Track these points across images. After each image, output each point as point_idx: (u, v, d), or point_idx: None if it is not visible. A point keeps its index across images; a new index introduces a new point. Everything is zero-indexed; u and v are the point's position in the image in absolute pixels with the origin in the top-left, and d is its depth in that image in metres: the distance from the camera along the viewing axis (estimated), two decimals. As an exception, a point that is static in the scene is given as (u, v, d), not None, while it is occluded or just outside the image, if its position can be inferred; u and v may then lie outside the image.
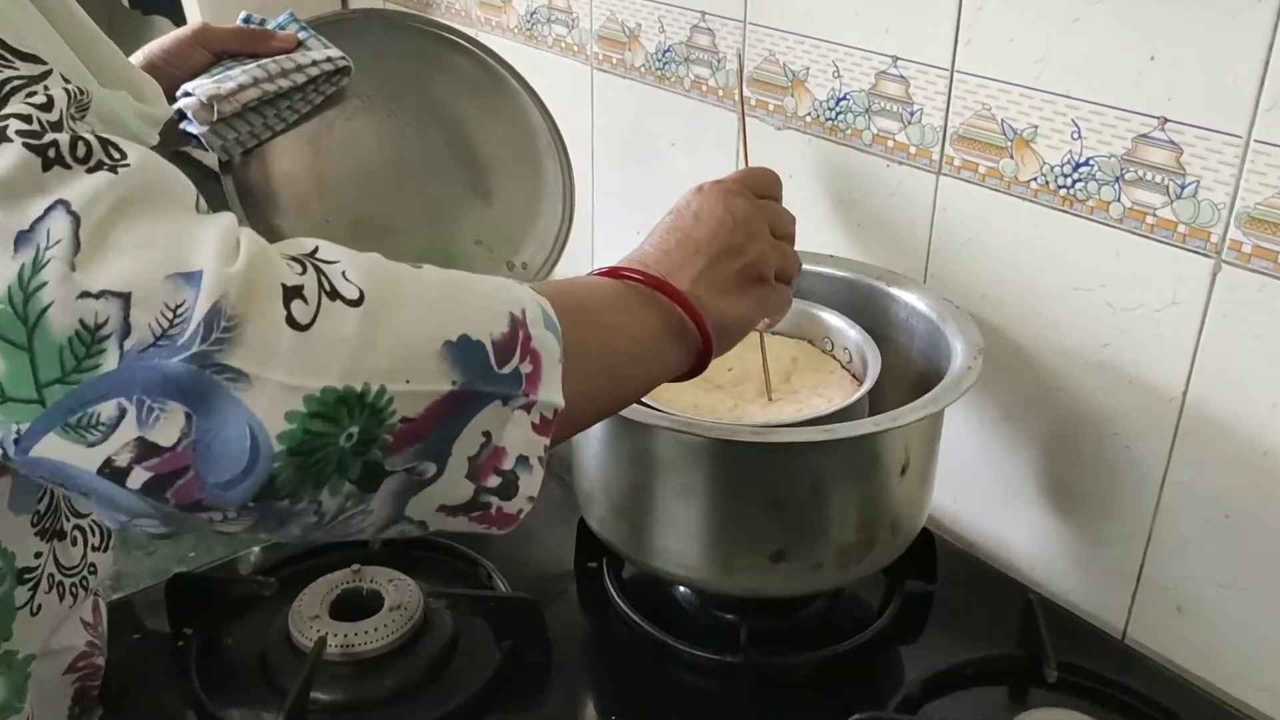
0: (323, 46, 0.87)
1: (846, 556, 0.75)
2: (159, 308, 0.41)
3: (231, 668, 0.80)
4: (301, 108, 0.86)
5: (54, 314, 0.40)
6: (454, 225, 0.91)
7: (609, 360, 0.57)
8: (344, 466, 0.44)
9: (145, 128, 0.61)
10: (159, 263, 0.41)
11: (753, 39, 1.04)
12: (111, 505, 0.43)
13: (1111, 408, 0.85)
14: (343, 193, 0.88)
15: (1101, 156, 0.80)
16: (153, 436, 0.41)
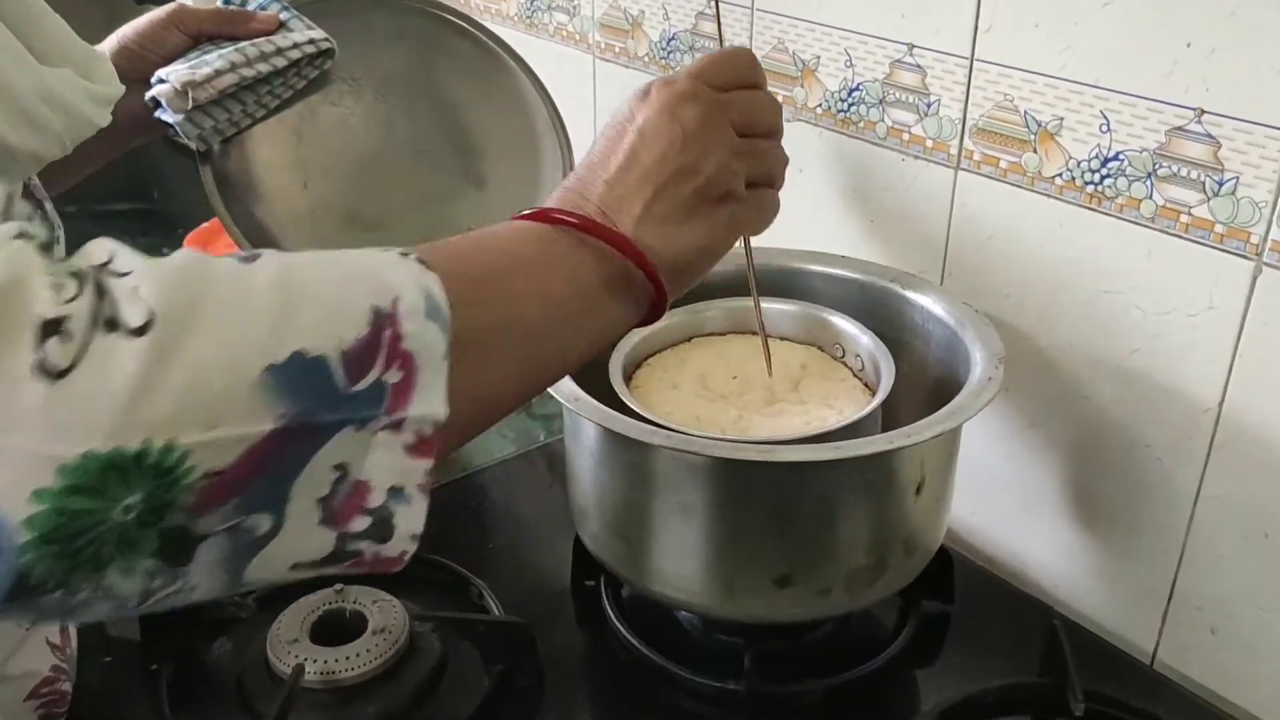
0: (305, 28, 0.83)
1: (856, 580, 0.70)
2: None
3: (207, 693, 0.76)
4: (283, 93, 0.83)
5: None
6: (448, 213, 0.86)
7: (522, 338, 0.47)
8: (129, 543, 0.35)
9: (94, 107, 0.58)
10: None
11: (760, 26, 0.99)
12: None
13: (1141, 417, 0.80)
14: (330, 183, 0.84)
15: (1132, 151, 0.74)
16: None
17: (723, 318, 0.84)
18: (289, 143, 0.83)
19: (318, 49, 0.83)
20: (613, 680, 0.79)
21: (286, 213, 0.82)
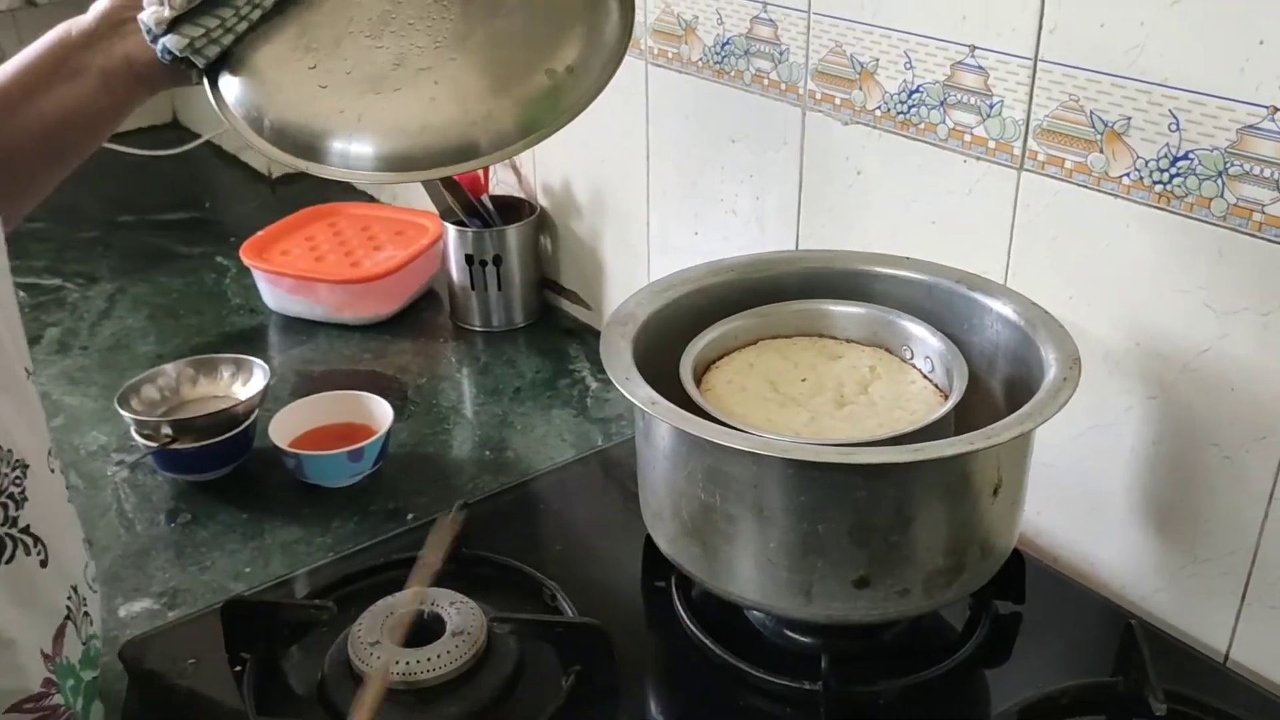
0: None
1: (934, 581, 0.71)
2: None
3: (289, 693, 0.78)
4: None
5: None
6: (475, 49, 0.75)
7: None
8: None
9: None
10: None
11: (817, 29, 0.99)
12: None
13: (1211, 417, 0.80)
14: (340, 59, 0.75)
15: (1203, 150, 0.74)
16: None
17: (790, 320, 0.85)
18: (293, 36, 0.76)
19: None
20: (687, 681, 0.80)
21: (299, 99, 0.73)
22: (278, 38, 0.74)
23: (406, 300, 1.45)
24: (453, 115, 0.70)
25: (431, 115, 0.70)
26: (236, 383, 1.19)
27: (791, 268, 0.88)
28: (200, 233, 1.72)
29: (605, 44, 0.73)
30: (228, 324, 1.45)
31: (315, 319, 1.42)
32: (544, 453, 1.15)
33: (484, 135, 0.69)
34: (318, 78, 0.72)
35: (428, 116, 0.70)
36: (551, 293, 1.47)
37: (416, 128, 0.69)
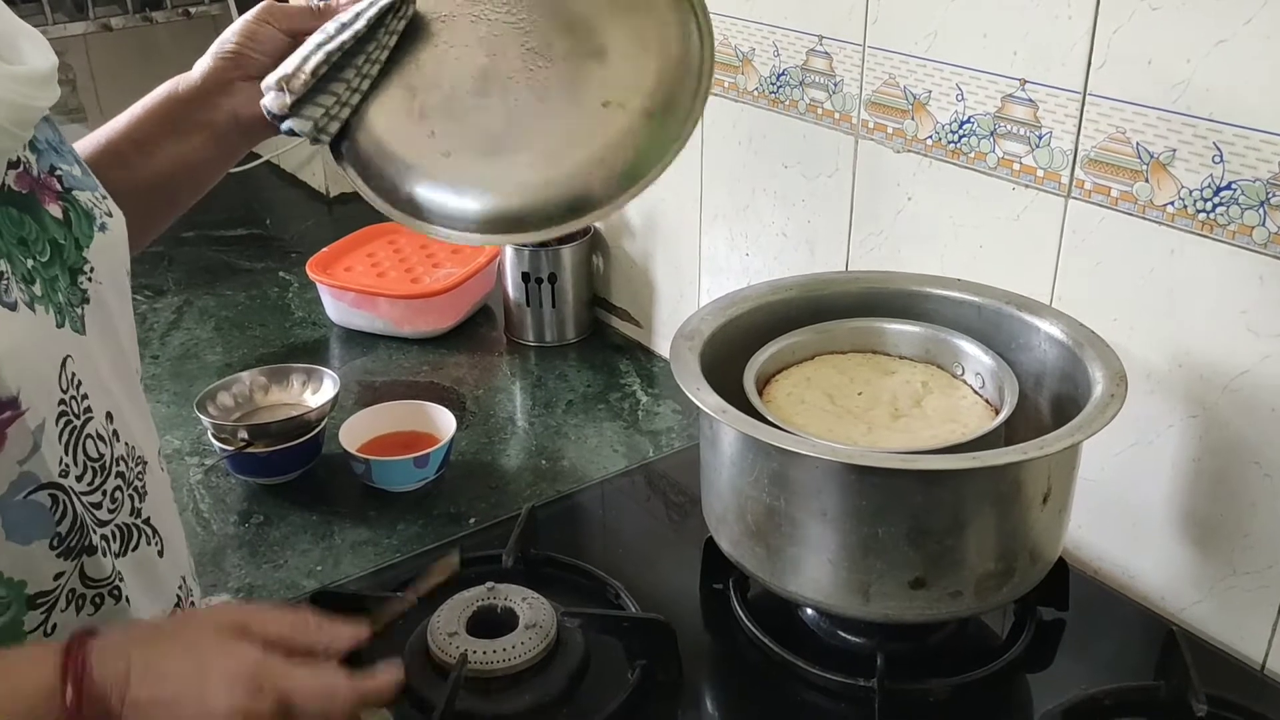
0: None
1: (985, 585, 0.75)
2: None
3: (373, 681, 0.82)
4: (379, 56, 0.79)
5: None
6: (577, 99, 0.79)
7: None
8: None
9: (29, 89, 0.60)
10: None
11: (872, 62, 1.04)
12: None
13: (1250, 436, 0.83)
14: (455, 121, 0.80)
15: (1245, 180, 0.79)
16: None
17: (846, 337, 0.89)
18: (403, 100, 0.80)
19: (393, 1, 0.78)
20: (746, 677, 0.84)
21: (426, 169, 0.78)
22: (390, 104, 0.78)
23: (463, 315, 1.50)
24: (571, 168, 0.74)
25: (551, 171, 0.74)
26: (306, 391, 1.24)
27: (848, 287, 0.92)
28: (262, 248, 1.78)
29: (693, 78, 0.76)
30: (292, 336, 1.50)
31: (376, 332, 1.48)
32: (597, 462, 1.20)
33: (600, 186, 0.73)
34: (439, 145, 0.77)
35: (549, 173, 0.74)
36: (602, 310, 1.52)
37: (541, 183, 0.74)
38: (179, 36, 2.01)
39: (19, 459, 0.58)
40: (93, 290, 0.64)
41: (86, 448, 0.63)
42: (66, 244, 0.63)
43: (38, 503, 0.60)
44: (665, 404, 1.32)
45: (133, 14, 1.86)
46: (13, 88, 0.58)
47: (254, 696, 0.58)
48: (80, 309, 0.62)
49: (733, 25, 1.18)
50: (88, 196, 0.67)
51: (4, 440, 0.57)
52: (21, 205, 0.61)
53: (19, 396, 0.57)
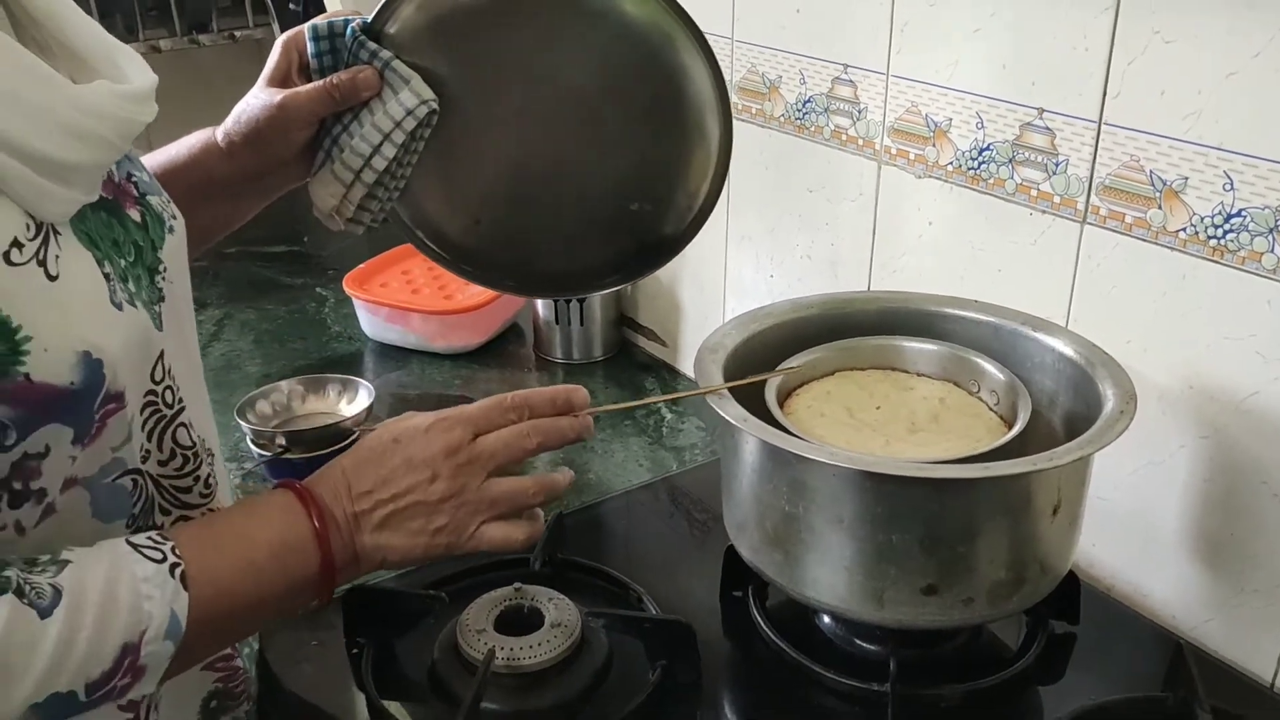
0: (401, 80, 0.80)
1: (997, 593, 0.77)
2: None
3: (403, 674, 0.85)
4: (412, 159, 0.82)
5: None
6: (603, 193, 0.88)
7: (229, 637, 0.70)
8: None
9: (134, 106, 0.64)
10: None
11: (895, 90, 1.08)
12: None
13: (1260, 457, 0.86)
14: (500, 205, 0.87)
15: (1255, 208, 0.81)
16: None
17: (866, 354, 0.93)
18: (440, 187, 0.85)
19: (429, 109, 0.80)
20: (764, 680, 0.87)
21: (466, 245, 0.89)
22: (432, 181, 0.85)
23: (494, 332, 1.54)
24: (592, 262, 0.91)
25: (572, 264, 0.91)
26: (342, 401, 1.28)
27: (868, 306, 0.96)
28: (300, 265, 1.83)
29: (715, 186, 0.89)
30: (328, 349, 1.55)
31: (409, 346, 1.52)
32: (623, 476, 1.23)
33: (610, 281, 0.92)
34: (477, 229, 0.89)
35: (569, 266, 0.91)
36: (629, 329, 1.55)
37: (561, 273, 0.92)
38: (224, 58, 2.08)
39: (113, 446, 0.63)
40: (167, 289, 0.69)
41: (169, 437, 0.68)
42: (145, 245, 0.68)
43: (122, 486, 0.65)
44: (689, 421, 1.35)
45: (181, 36, 1.93)
46: (119, 104, 0.63)
47: (456, 451, 0.72)
48: (158, 307, 0.67)
49: (761, 54, 1.22)
50: (157, 200, 0.71)
51: (104, 429, 0.62)
52: (110, 210, 0.66)
53: (125, 392, 0.62)
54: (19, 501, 0.60)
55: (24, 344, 0.56)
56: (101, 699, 0.58)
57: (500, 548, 0.73)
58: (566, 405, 0.75)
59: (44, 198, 0.58)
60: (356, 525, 0.70)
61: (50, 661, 0.56)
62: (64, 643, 0.56)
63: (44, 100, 0.59)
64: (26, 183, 0.57)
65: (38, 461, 0.59)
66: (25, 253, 0.57)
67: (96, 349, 0.60)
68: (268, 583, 0.67)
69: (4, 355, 0.56)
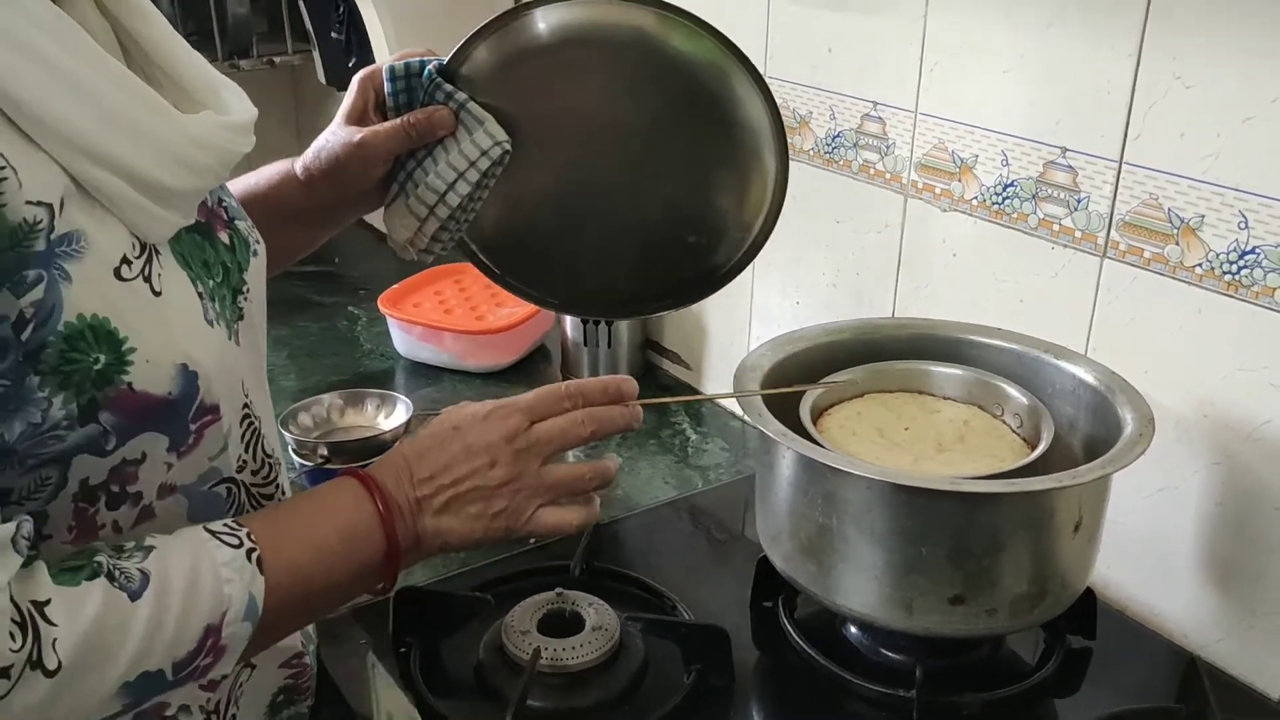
0: (476, 121, 0.83)
1: (1020, 605, 0.81)
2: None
3: (449, 673, 0.89)
4: (483, 194, 0.86)
5: None
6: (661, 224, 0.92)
7: (304, 619, 0.75)
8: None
9: (235, 136, 0.69)
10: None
11: (923, 128, 1.13)
12: None
13: (1272, 482, 0.90)
14: (553, 230, 0.92)
15: (1269, 246, 0.86)
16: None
17: (895, 377, 0.97)
18: (506, 213, 0.89)
19: (501, 150, 0.83)
20: (794, 686, 0.91)
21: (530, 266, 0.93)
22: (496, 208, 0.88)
23: (523, 352, 1.59)
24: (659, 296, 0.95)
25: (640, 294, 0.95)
26: (380, 415, 1.32)
27: (897, 332, 1.00)
28: (333, 284, 1.88)
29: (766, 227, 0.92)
30: (361, 366, 1.59)
31: (441, 365, 1.56)
32: (649, 492, 1.27)
33: None
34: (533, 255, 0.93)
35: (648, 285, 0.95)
36: (654, 352, 1.60)
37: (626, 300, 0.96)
38: (264, 83, 2.14)
39: (210, 456, 0.68)
40: (247, 309, 0.73)
41: (257, 449, 0.73)
42: (232, 267, 0.72)
43: (218, 494, 0.70)
44: (714, 441, 1.39)
45: (223, 61, 1.98)
46: (222, 134, 0.67)
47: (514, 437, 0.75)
48: (236, 325, 0.71)
49: (792, 90, 1.27)
50: (244, 225, 0.76)
51: (201, 439, 0.66)
52: (202, 232, 0.70)
53: (219, 405, 0.67)
54: (116, 504, 0.65)
55: (129, 355, 0.61)
56: (186, 678, 0.62)
57: (555, 531, 0.75)
58: (618, 395, 0.78)
59: (148, 219, 0.63)
60: (419, 510, 0.72)
61: (141, 643, 0.60)
62: (153, 624, 0.60)
63: (154, 128, 0.63)
64: (134, 204, 0.62)
65: (134, 467, 0.64)
66: (133, 269, 0.62)
67: (194, 362, 0.64)
68: (337, 567, 0.70)
69: (110, 364, 0.60)
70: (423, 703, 0.86)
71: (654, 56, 0.85)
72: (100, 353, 0.60)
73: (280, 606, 0.66)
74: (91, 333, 0.60)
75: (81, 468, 0.62)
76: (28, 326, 0.57)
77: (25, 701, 0.56)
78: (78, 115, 0.59)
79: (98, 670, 0.58)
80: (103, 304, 0.60)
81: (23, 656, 0.55)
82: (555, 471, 0.76)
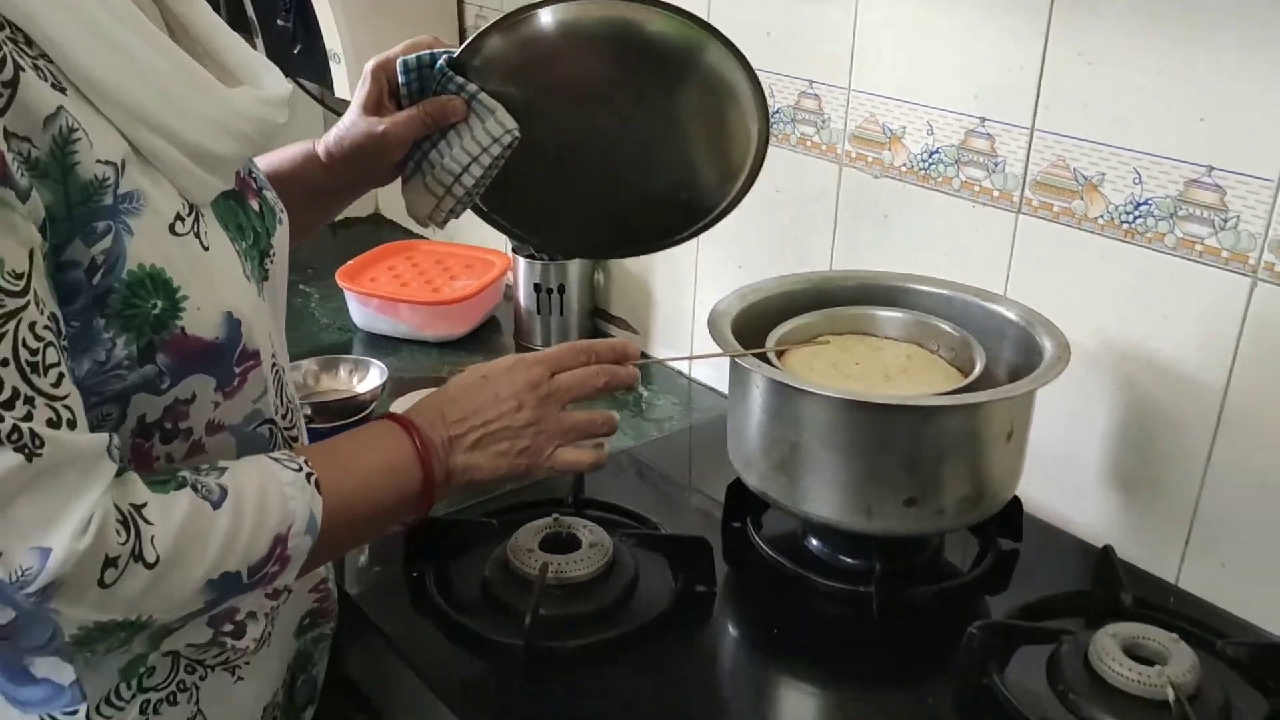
0: (486, 110, 0.93)
1: (963, 506, 0.95)
2: (16, 566, 0.61)
3: (459, 591, 0.99)
4: (493, 173, 0.96)
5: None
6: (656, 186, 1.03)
7: (352, 540, 0.86)
8: (109, 642, 0.66)
9: (271, 109, 0.78)
10: (29, 536, 0.61)
11: (855, 103, 1.26)
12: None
13: (1165, 403, 1.05)
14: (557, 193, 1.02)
15: (1158, 197, 1.01)
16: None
17: (844, 321, 1.10)
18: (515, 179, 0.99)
19: (511, 138, 0.93)
20: (766, 590, 1.03)
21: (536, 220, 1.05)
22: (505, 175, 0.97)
23: (478, 322, 1.68)
24: None
25: None
26: (354, 379, 1.41)
27: (845, 282, 1.13)
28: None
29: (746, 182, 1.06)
30: (320, 339, 1.66)
31: (399, 335, 1.65)
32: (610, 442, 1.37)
33: None
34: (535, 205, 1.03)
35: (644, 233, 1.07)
36: (602, 320, 1.70)
37: None
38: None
39: (253, 398, 0.76)
40: (272, 270, 0.81)
41: (283, 394, 0.82)
42: (261, 232, 0.80)
43: (260, 434, 0.78)
44: (664, 398, 1.50)
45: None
46: (261, 107, 0.75)
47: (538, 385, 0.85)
48: (263, 285, 0.79)
49: (735, 70, 1.38)
50: (271, 195, 0.84)
51: (245, 383, 0.75)
52: (236, 199, 0.78)
53: (259, 351, 0.75)
54: (169, 439, 0.73)
55: (182, 302, 0.69)
56: (258, 583, 0.71)
57: (571, 468, 0.86)
58: (624, 355, 0.89)
59: (196, 182, 0.71)
60: (451, 448, 0.82)
61: (222, 546, 0.68)
62: (232, 531, 0.68)
63: (202, 100, 0.71)
64: (184, 169, 0.70)
65: (186, 406, 0.72)
66: (185, 226, 0.70)
67: (237, 310, 0.72)
68: (381, 496, 0.79)
69: (166, 310, 0.68)
70: (442, 616, 0.95)
71: (637, 39, 0.96)
72: (157, 299, 0.68)
73: (334, 526, 0.74)
74: (150, 281, 0.67)
75: (139, 405, 0.70)
76: (98, 273, 0.65)
77: (129, 590, 0.64)
78: (138, 87, 0.67)
79: (186, 567, 0.66)
80: (159, 256, 0.68)
81: (128, 549, 0.63)
82: (573, 416, 0.86)
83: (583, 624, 0.94)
